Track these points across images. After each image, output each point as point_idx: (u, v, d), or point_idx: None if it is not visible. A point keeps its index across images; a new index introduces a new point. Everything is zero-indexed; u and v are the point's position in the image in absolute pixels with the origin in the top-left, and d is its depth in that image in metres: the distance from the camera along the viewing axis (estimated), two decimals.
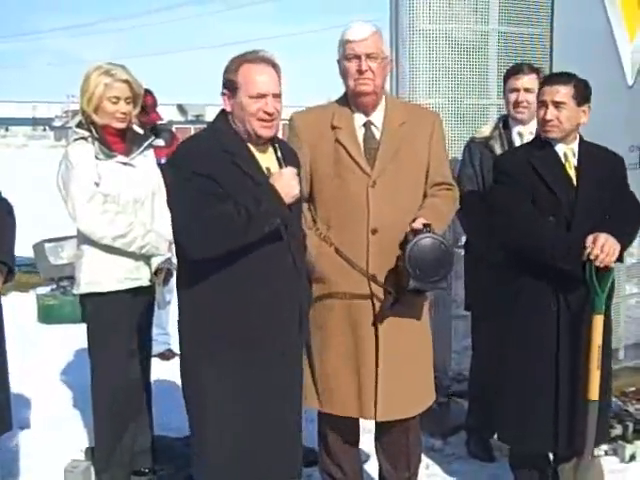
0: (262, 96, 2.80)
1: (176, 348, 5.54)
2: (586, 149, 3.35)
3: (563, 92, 3.23)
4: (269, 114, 2.81)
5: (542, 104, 3.27)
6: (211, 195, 2.70)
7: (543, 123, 3.27)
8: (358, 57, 3.15)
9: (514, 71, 4.01)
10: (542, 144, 3.33)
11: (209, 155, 2.77)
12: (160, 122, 5.85)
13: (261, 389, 2.83)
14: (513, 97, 3.95)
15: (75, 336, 5.71)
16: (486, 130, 4.08)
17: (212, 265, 2.74)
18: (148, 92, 5.25)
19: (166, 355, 5.81)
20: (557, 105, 3.23)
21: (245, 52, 2.88)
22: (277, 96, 2.84)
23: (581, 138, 3.38)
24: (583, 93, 3.27)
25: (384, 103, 3.29)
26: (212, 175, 2.71)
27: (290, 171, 2.85)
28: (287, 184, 2.81)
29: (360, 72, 3.15)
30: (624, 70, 5.16)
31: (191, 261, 2.75)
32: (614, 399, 4.77)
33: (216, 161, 2.75)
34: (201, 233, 2.68)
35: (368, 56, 3.15)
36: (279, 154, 2.90)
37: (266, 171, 2.85)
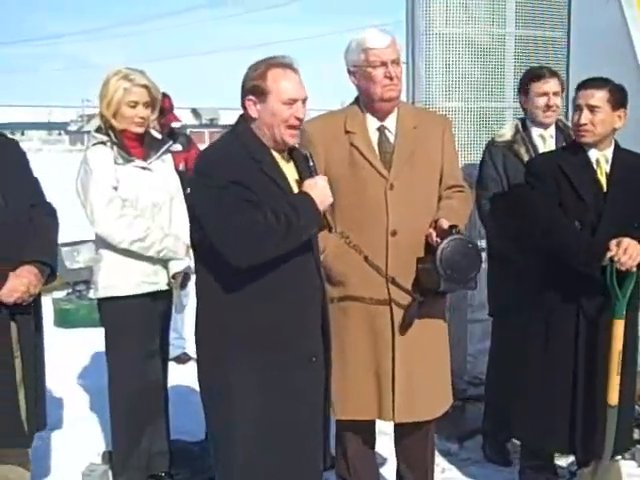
0: (294, 101, 2.79)
1: (191, 352, 5.60)
2: (621, 156, 3.34)
3: (598, 96, 3.23)
4: (300, 119, 2.81)
5: (577, 108, 3.27)
6: (248, 203, 2.69)
7: (577, 127, 3.28)
8: (385, 64, 3.16)
9: (537, 75, 3.99)
10: (576, 149, 3.33)
11: (238, 162, 2.76)
12: (176, 125, 5.86)
13: (289, 394, 2.83)
14: (542, 101, 3.92)
15: (91, 340, 5.74)
16: (507, 133, 4.06)
17: (237, 272, 2.72)
18: (165, 95, 5.28)
19: (182, 359, 5.82)
20: (592, 109, 3.23)
21: (267, 58, 2.86)
22: (305, 101, 2.84)
23: (617, 145, 3.36)
24: (618, 98, 3.27)
25: (397, 107, 3.30)
26: (243, 182, 2.70)
27: (324, 179, 2.86)
28: (322, 193, 2.81)
29: (390, 78, 3.17)
30: None
31: (221, 268, 2.72)
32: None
33: (245, 168, 2.75)
34: (244, 243, 2.67)
35: (394, 62, 3.17)
36: (310, 162, 2.89)
37: (294, 183, 2.85)
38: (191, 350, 5.55)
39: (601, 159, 3.30)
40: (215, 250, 2.71)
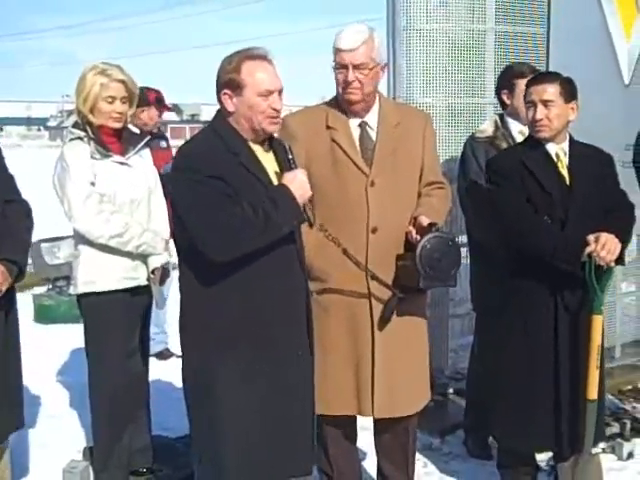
0: (270, 93, 2.78)
1: (173, 347, 5.59)
2: (577, 148, 3.37)
3: (551, 91, 3.25)
4: (277, 110, 2.80)
5: (531, 104, 3.28)
6: (226, 197, 2.69)
7: (533, 123, 3.29)
8: (345, 67, 3.13)
9: (522, 72, 3.98)
10: (534, 144, 3.34)
11: (216, 157, 2.75)
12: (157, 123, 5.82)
13: (276, 388, 2.82)
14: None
15: (72, 336, 5.72)
16: (488, 129, 4.07)
17: (222, 266, 2.72)
18: (151, 90, 5.31)
19: (164, 355, 5.81)
20: (546, 104, 3.24)
21: (240, 50, 2.84)
22: (281, 92, 2.83)
23: (571, 137, 3.39)
24: (570, 90, 3.29)
25: (378, 104, 3.29)
26: (223, 177, 2.70)
27: (303, 172, 2.86)
28: (301, 186, 2.81)
29: (346, 83, 3.15)
30: (620, 69, 5.17)
31: (203, 263, 2.72)
32: (611, 397, 4.79)
33: (223, 162, 2.74)
34: (221, 237, 2.67)
35: (356, 67, 3.12)
36: (289, 155, 2.88)
37: (274, 175, 2.85)
38: (174, 346, 5.54)
39: (560, 152, 3.32)
40: (193, 244, 2.71)
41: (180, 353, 2.95)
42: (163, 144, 5.58)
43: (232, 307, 2.77)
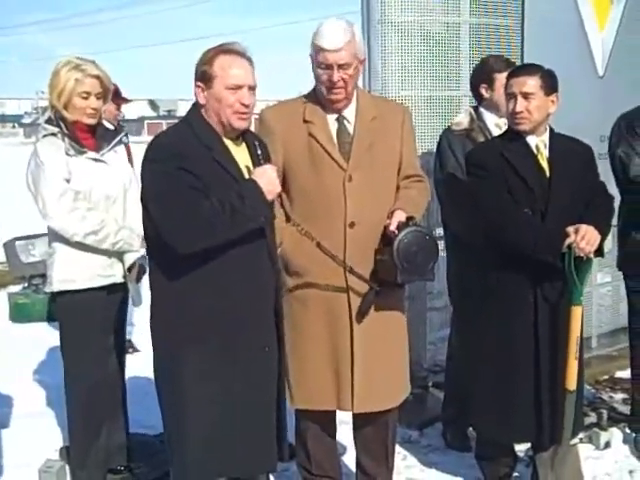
0: (239, 87, 2.77)
1: (136, 341, 5.50)
2: (557, 140, 3.37)
3: (531, 83, 3.24)
4: (245, 105, 2.79)
5: (511, 96, 3.28)
6: (194, 190, 2.68)
7: (513, 115, 3.28)
8: (330, 67, 3.10)
9: (499, 69, 3.99)
10: (514, 136, 3.33)
11: (187, 149, 2.73)
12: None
13: (242, 384, 2.82)
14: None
15: (47, 334, 5.68)
16: (464, 121, 4.06)
17: (190, 260, 2.72)
18: None
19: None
20: (526, 96, 3.24)
21: (220, 44, 2.85)
22: (252, 89, 2.82)
23: (551, 129, 3.39)
24: (550, 83, 3.28)
25: (355, 97, 3.27)
26: (192, 169, 2.69)
27: (271, 168, 2.85)
28: (270, 182, 2.80)
29: (332, 83, 3.12)
30: (594, 60, 5.21)
31: (170, 255, 2.72)
32: (588, 387, 4.83)
33: (195, 155, 2.73)
34: (186, 230, 2.66)
35: (340, 67, 3.10)
36: (257, 150, 2.87)
37: (245, 169, 2.84)
38: (136, 339, 5.48)
39: (540, 144, 3.33)
40: (160, 235, 2.71)
41: (140, 348, 2.93)
42: (124, 139, 5.52)
43: (199, 302, 2.77)
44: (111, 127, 3.78)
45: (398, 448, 3.62)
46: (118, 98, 5.36)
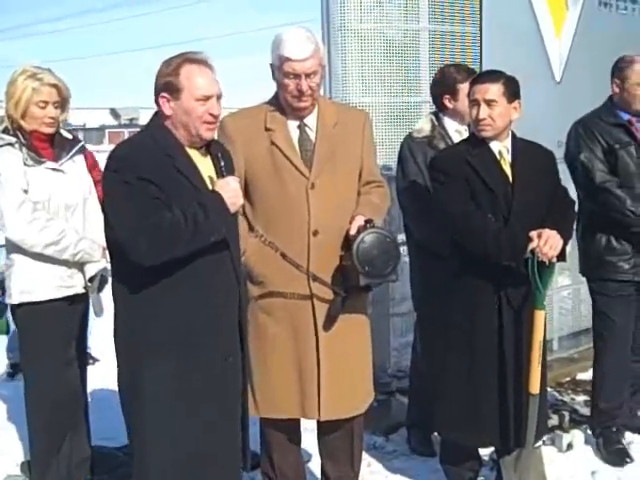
0: (207, 98, 2.75)
1: (95, 351, 5.43)
2: (519, 146, 3.40)
3: (493, 90, 3.26)
4: (215, 116, 2.77)
5: (474, 103, 3.30)
6: (156, 201, 2.65)
7: (477, 122, 3.30)
8: (298, 76, 3.09)
9: (461, 79, 4.01)
10: (477, 142, 3.36)
11: (150, 159, 2.70)
12: None
13: (204, 395, 2.79)
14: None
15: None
16: (425, 128, 4.06)
17: (152, 271, 2.68)
18: None
19: None
20: (489, 103, 3.26)
21: (181, 53, 2.81)
22: (220, 98, 2.80)
23: (514, 135, 3.42)
24: (512, 89, 3.30)
25: (317, 104, 3.27)
26: (155, 180, 2.65)
27: (234, 180, 2.83)
28: (233, 194, 2.78)
29: (301, 92, 3.12)
30: (552, 66, 5.27)
31: (132, 267, 2.69)
32: (550, 390, 4.87)
33: (158, 166, 2.69)
34: (148, 241, 2.62)
35: (308, 76, 3.10)
36: (221, 162, 2.85)
37: (208, 180, 2.81)
38: (95, 349, 5.41)
39: (503, 150, 3.35)
40: (121, 247, 2.68)
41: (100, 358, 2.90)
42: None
43: (161, 313, 2.74)
44: (69, 136, 3.73)
45: (363, 455, 3.61)
46: None
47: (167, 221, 2.63)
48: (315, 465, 3.81)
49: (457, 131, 4.02)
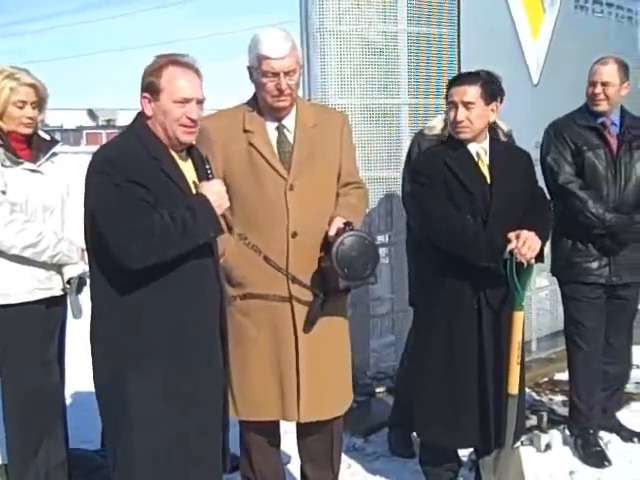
0: (187, 101, 2.73)
1: (71, 353, 5.36)
2: (497, 147, 3.42)
3: (471, 92, 3.27)
4: (192, 120, 2.75)
5: (452, 105, 3.31)
6: (145, 203, 2.63)
7: (454, 124, 3.31)
8: (277, 75, 3.10)
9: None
10: (455, 144, 3.37)
11: (138, 162, 2.68)
12: None
13: (187, 399, 2.78)
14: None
15: None
16: (437, 126, 4.05)
17: (136, 275, 2.66)
18: None
19: None
20: (466, 105, 3.27)
21: (168, 54, 2.79)
22: (200, 102, 2.78)
23: (491, 136, 3.44)
24: (490, 91, 3.31)
25: (295, 106, 3.27)
26: (143, 182, 2.64)
27: (219, 183, 2.83)
28: (219, 196, 2.78)
29: (280, 91, 3.12)
30: (529, 69, 5.32)
31: (116, 270, 2.66)
32: (529, 390, 4.90)
33: (144, 167, 2.68)
34: (138, 244, 2.60)
35: (287, 74, 3.10)
36: (206, 165, 2.85)
37: (192, 184, 2.80)
38: (71, 351, 5.36)
39: (481, 151, 3.36)
40: (108, 251, 2.65)
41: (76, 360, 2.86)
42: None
43: (146, 317, 2.72)
44: (47, 137, 3.71)
45: (342, 456, 3.61)
46: None
47: (156, 223, 2.62)
48: (295, 467, 3.81)
49: None
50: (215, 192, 2.77)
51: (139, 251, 2.62)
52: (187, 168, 2.84)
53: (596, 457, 4.17)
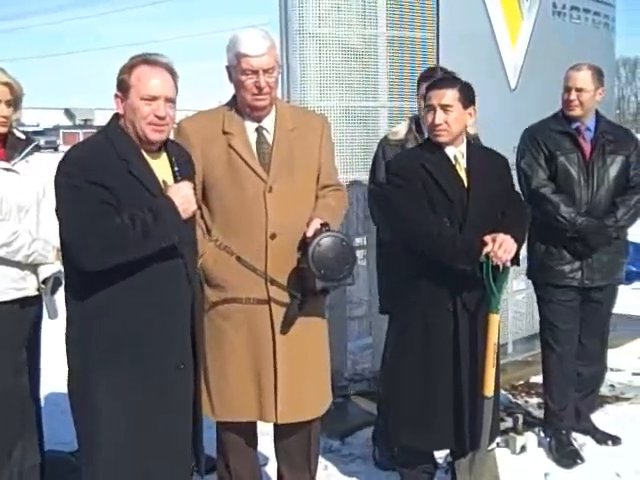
0: (154, 98, 2.73)
1: (47, 354, 5.33)
2: (474, 151, 3.44)
3: (450, 95, 3.29)
4: (160, 118, 2.74)
5: (430, 108, 3.32)
6: (105, 205, 2.62)
7: (432, 127, 3.32)
8: (256, 73, 3.10)
9: (423, 77, 4.05)
10: (433, 147, 3.38)
11: (103, 162, 2.67)
12: None
13: (156, 403, 2.76)
14: None
15: None
16: (401, 131, 4.08)
17: (103, 277, 2.65)
18: None
19: None
20: (444, 108, 3.28)
21: (143, 54, 2.79)
22: (170, 100, 2.77)
23: (468, 140, 3.46)
24: (468, 96, 3.34)
25: (274, 108, 3.27)
26: (106, 184, 2.62)
27: (188, 186, 2.80)
28: (186, 200, 2.75)
29: (259, 89, 3.12)
30: (507, 74, 5.35)
31: (82, 272, 2.66)
32: (504, 392, 4.93)
33: (110, 169, 2.66)
34: (95, 246, 2.60)
35: (266, 71, 3.11)
36: (175, 167, 2.83)
37: (162, 184, 2.78)
38: (47, 352, 5.32)
39: (458, 155, 3.38)
40: (68, 251, 2.65)
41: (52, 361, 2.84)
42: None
43: (111, 320, 2.71)
44: (22, 136, 3.67)
45: (319, 458, 3.62)
46: None
47: (115, 226, 2.60)
48: (271, 469, 3.81)
49: None
50: (182, 195, 2.74)
51: (93, 253, 2.61)
52: (160, 167, 2.82)
53: (569, 457, 4.21)
